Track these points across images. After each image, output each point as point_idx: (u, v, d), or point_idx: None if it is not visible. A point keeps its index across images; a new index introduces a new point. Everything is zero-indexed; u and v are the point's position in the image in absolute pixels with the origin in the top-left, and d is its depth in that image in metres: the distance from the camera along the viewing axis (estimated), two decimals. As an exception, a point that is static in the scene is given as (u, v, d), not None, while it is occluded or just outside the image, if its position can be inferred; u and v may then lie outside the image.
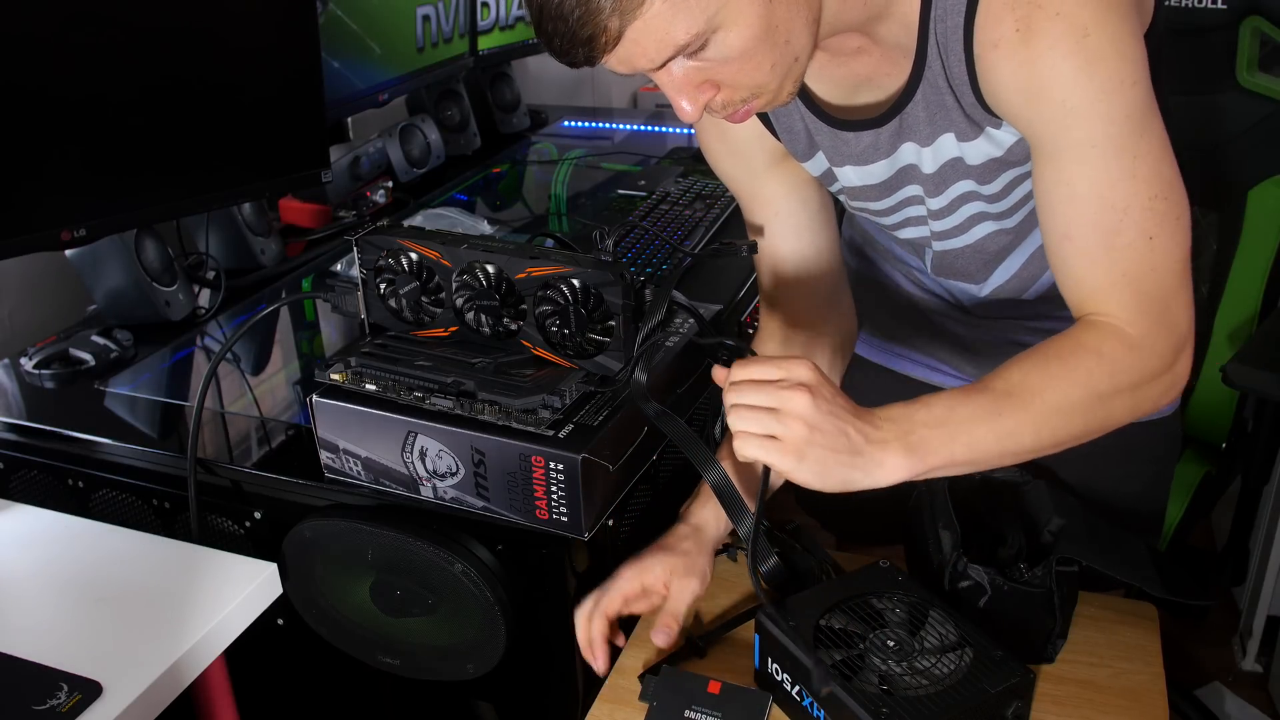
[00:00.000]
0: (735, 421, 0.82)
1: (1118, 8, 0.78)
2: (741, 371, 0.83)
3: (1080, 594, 0.99)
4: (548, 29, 0.75)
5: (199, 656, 0.90)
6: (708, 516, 1.01)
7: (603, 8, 0.72)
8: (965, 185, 0.94)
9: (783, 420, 0.80)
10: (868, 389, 1.24)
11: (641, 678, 0.95)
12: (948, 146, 0.91)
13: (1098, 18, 0.77)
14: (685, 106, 0.80)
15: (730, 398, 0.83)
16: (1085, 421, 0.84)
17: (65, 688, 0.82)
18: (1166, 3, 1.29)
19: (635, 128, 2.27)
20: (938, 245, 1.04)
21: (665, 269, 1.41)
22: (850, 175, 0.99)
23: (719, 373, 0.87)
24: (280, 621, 1.12)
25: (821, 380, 0.82)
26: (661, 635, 0.96)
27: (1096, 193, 0.81)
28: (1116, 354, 0.83)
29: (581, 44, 0.74)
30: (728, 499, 0.93)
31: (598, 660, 0.97)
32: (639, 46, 0.75)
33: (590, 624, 0.96)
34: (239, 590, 0.95)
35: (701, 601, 1.02)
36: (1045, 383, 0.82)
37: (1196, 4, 1.29)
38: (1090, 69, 0.78)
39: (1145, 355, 0.83)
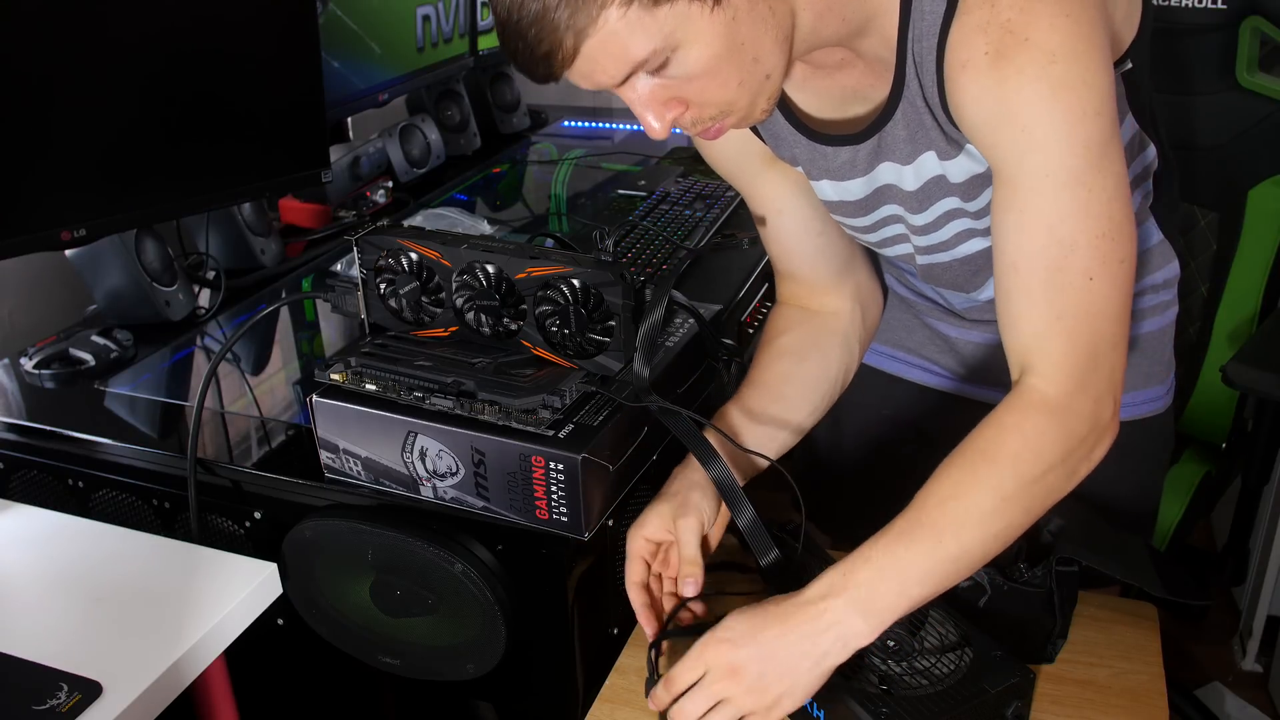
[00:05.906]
0: None
1: (1088, 36, 0.77)
2: (666, 695, 0.85)
3: (1080, 594, 0.98)
4: (510, 45, 0.76)
5: (199, 656, 0.90)
6: (692, 461, 0.99)
7: (558, 24, 0.72)
8: (950, 202, 0.94)
9: (732, 704, 0.81)
10: (861, 391, 1.24)
11: (653, 645, 0.94)
12: (929, 165, 0.90)
13: (1066, 45, 0.76)
14: (653, 123, 0.80)
15: None
16: (1025, 508, 0.83)
17: (65, 688, 0.82)
18: (1168, 3, 1.30)
19: (635, 128, 2.26)
20: (923, 260, 1.03)
21: (665, 268, 1.41)
22: (827, 190, 0.98)
23: (652, 702, 0.87)
24: (280, 621, 1.12)
25: (737, 637, 0.82)
26: (689, 586, 0.94)
27: (1046, 224, 0.80)
28: (1039, 429, 0.82)
29: (539, 60, 0.75)
30: (729, 492, 0.93)
31: (646, 627, 0.95)
32: (597, 63, 0.75)
33: (635, 596, 0.96)
34: (239, 590, 0.95)
35: (720, 536, 0.99)
36: (974, 489, 0.82)
37: (1196, 4, 1.29)
38: (1054, 96, 0.77)
39: (1067, 419, 0.82)
